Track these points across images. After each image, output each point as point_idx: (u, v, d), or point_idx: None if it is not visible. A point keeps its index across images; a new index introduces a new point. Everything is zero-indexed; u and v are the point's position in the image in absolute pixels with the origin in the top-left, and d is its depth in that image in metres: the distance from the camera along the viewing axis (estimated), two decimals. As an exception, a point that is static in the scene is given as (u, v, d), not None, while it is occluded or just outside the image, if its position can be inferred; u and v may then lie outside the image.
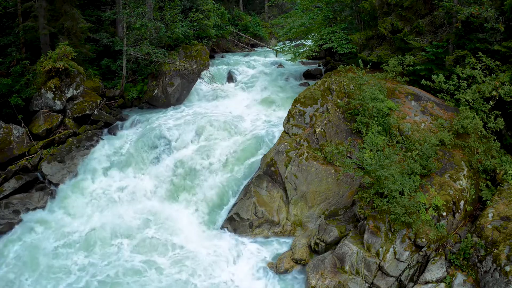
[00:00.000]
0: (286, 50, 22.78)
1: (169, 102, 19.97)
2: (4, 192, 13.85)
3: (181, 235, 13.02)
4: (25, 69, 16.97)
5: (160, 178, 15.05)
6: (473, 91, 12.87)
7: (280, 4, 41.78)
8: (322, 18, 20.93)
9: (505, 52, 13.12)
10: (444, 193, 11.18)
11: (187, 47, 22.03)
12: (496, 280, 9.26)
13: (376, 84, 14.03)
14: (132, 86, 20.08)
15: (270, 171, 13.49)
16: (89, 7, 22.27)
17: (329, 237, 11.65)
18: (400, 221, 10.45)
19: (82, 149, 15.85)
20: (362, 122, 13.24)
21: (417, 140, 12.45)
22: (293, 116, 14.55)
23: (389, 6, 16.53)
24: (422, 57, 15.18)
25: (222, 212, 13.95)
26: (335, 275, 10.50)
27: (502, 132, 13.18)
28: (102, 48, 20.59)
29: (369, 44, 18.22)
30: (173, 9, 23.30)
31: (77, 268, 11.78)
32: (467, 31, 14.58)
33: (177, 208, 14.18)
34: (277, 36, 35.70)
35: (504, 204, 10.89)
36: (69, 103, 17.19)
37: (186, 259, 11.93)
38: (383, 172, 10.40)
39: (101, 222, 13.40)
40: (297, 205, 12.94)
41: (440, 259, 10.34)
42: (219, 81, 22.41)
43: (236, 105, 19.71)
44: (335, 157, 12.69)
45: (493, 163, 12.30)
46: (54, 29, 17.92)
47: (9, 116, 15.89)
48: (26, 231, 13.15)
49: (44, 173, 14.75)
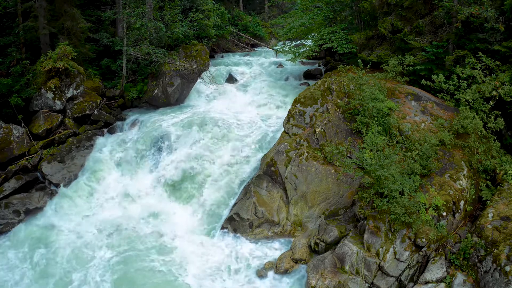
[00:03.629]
0: (286, 50, 22.78)
1: (169, 102, 19.96)
2: (4, 192, 13.86)
3: (180, 235, 13.04)
4: (25, 69, 16.97)
5: (160, 178, 15.05)
6: (473, 91, 12.87)
7: (280, 4, 41.77)
8: (322, 18, 20.93)
9: (505, 52, 13.13)
10: (444, 193, 11.18)
11: (187, 47, 22.02)
12: (496, 280, 9.26)
13: (376, 84, 14.03)
14: (132, 86, 20.06)
15: (270, 171, 13.49)
16: (89, 7, 22.25)
17: (329, 237, 11.64)
18: (400, 221, 10.45)
19: (82, 149, 15.86)
20: (362, 122, 13.24)
21: (417, 140, 12.45)
22: (293, 116, 14.55)
23: (389, 6, 16.53)
24: (422, 57, 15.18)
25: (222, 212, 13.94)
26: (335, 275, 10.50)
27: (502, 132, 13.18)
28: (102, 48, 20.58)
29: (369, 44, 18.22)
30: (173, 9, 23.28)
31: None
32: (467, 31, 14.58)
33: (177, 207, 14.18)
34: (277, 36, 35.71)
35: (504, 204, 10.89)
36: (69, 103, 17.20)
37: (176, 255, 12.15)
38: (383, 172, 10.40)
39: (98, 225, 13.45)
40: (297, 205, 12.94)
41: (440, 259, 10.34)
42: (219, 81, 22.41)
43: (236, 105, 19.71)
44: (335, 157, 12.68)
45: (493, 163, 12.31)
46: (54, 29, 17.92)
47: (9, 116, 15.89)
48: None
49: (44, 173, 14.75)
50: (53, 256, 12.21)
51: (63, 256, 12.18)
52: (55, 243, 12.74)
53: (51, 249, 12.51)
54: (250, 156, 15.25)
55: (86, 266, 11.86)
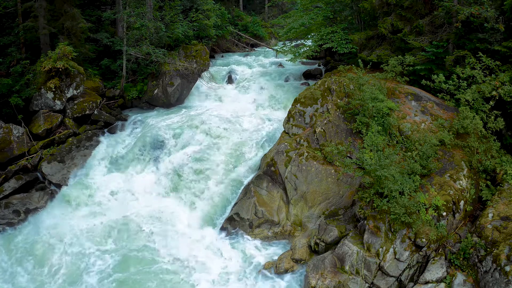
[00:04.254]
0: (286, 50, 22.78)
1: (169, 102, 19.98)
2: (4, 192, 13.86)
3: (179, 235, 13.04)
4: (25, 69, 16.98)
5: (160, 178, 15.06)
6: (473, 91, 12.86)
7: (280, 4, 41.78)
8: (322, 18, 20.93)
9: (505, 52, 13.12)
10: (444, 193, 11.17)
11: (187, 47, 22.02)
12: (496, 280, 9.26)
13: (376, 84, 14.03)
14: (132, 86, 20.07)
15: (270, 171, 13.49)
16: (89, 7, 22.27)
17: (329, 237, 11.64)
18: (400, 221, 10.45)
19: (82, 149, 15.86)
20: (362, 122, 13.24)
21: (417, 140, 12.45)
22: (293, 116, 14.55)
23: (389, 6, 16.53)
24: (422, 57, 15.18)
25: (222, 212, 13.94)
26: (335, 275, 10.50)
27: (502, 132, 13.18)
28: (102, 48, 20.59)
29: (369, 44, 18.22)
30: (173, 9, 23.30)
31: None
32: (467, 31, 14.58)
33: (176, 208, 14.18)
34: (277, 36, 35.71)
35: (504, 204, 10.89)
36: (69, 103, 17.20)
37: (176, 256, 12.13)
38: (383, 172, 10.40)
39: (98, 225, 13.43)
40: (297, 205, 12.94)
41: (440, 259, 10.34)
42: (219, 81, 22.42)
43: (236, 105, 19.71)
44: (335, 157, 12.68)
45: (493, 163, 12.30)
46: (54, 29, 17.93)
47: (9, 116, 15.90)
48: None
49: (44, 173, 14.75)
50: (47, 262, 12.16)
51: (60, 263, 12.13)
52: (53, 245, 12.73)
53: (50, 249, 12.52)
54: (250, 156, 15.25)
55: (84, 270, 11.87)
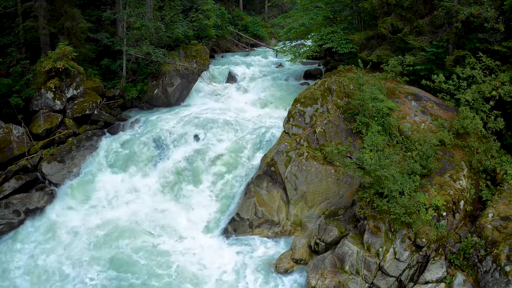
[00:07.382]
0: (286, 50, 22.78)
1: (169, 102, 19.97)
2: (4, 192, 13.85)
3: (178, 235, 13.05)
4: (25, 69, 16.97)
5: (160, 178, 15.05)
6: (473, 91, 12.86)
7: (280, 4, 41.77)
8: (322, 18, 20.94)
9: (505, 52, 13.12)
10: (444, 193, 11.17)
11: (187, 47, 22.02)
12: (496, 280, 9.26)
13: (376, 84, 14.02)
14: (132, 86, 20.08)
15: (270, 171, 13.49)
16: (89, 7, 22.26)
17: (329, 237, 11.64)
18: (400, 221, 10.45)
19: (82, 149, 15.85)
20: (362, 122, 13.24)
21: (417, 140, 12.45)
22: (293, 116, 14.55)
23: (389, 6, 16.53)
24: (422, 57, 15.18)
25: (222, 212, 13.93)
26: (335, 275, 10.50)
27: (502, 132, 13.18)
28: (102, 48, 20.59)
29: (369, 44, 18.21)
30: (173, 9, 23.30)
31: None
32: (467, 31, 14.58)
33: (176, 208, 14.18)
34: (277, 36, 35.70)
35: (504, 204, 10.89)
36: (69, 103, 17.20)
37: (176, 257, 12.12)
38: (383, 172, 10.40)
39: (98, 224, 13.43)
40: (297, 205, 12.94)
41: (440, 259, 10.34)
42: (219, 81, 22.42)
43: (236, 105, 19.72)
44: (335, 157, 12.68)
45: (493, 163, 12.30)
46: (54, 29, 17.92)
47: (9, 116, 15.89)
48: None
49: (44, 173, 14.74)
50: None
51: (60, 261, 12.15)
52: (54, 242, 12.75)
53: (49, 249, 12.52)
54: (250, 156, 15.25)
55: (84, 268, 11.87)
